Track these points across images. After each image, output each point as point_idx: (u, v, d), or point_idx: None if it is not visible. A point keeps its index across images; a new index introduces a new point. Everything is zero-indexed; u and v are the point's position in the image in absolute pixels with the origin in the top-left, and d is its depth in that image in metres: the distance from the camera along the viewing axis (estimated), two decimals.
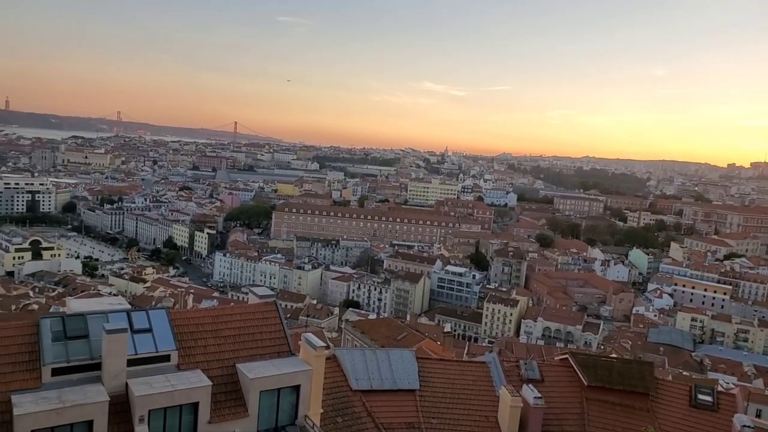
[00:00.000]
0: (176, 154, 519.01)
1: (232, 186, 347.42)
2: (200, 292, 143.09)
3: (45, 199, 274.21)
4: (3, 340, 17.98)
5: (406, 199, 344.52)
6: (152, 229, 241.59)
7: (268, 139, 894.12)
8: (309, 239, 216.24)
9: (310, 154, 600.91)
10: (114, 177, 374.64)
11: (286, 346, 22.22)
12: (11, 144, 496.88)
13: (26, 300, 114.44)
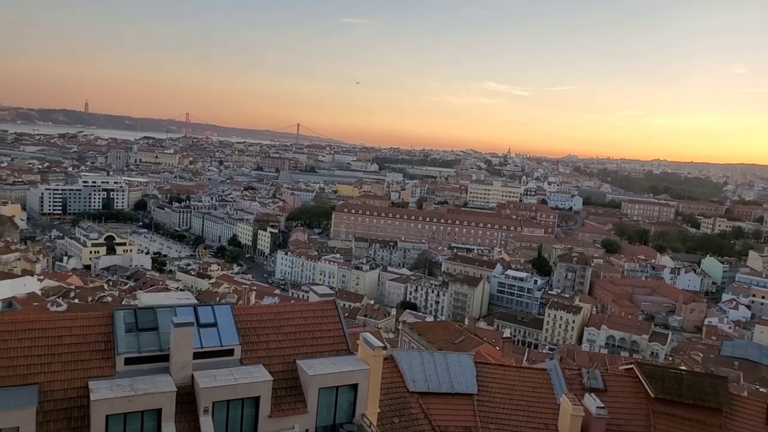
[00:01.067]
0: (241, 155, 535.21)
1: (294, 186, 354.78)
2: (262, 289, 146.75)
3: (119, 197, 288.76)
4: (82, 330, 19.06)
5: (466, 201, 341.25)
6: (218, 227, 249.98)
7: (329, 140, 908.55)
8: (367, 240, 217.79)
9: (370, 155, 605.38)
10: (182, 176, 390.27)
11: (345, 345, 22.44)
12: (90, 144, 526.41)
13: (101, 292, 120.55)
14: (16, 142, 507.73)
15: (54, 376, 17.59)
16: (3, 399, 16.07)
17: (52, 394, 17.18)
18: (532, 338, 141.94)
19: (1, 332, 18.03)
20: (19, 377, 17.18)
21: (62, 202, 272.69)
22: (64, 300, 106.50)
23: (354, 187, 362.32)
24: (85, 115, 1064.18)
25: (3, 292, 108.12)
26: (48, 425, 16.50)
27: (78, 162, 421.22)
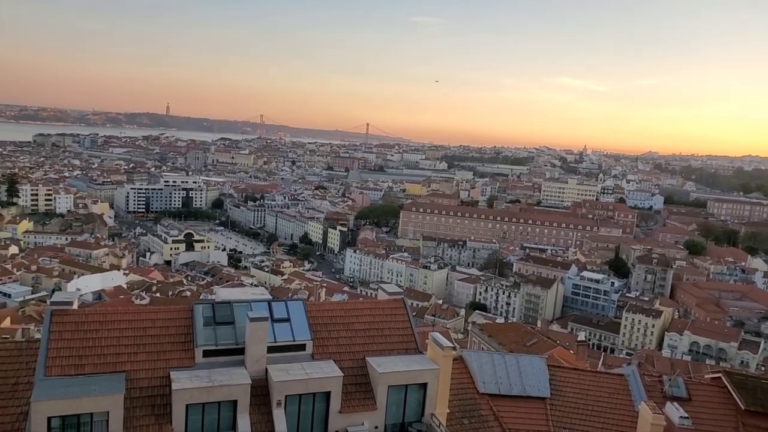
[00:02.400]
0: (312, 155, 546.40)
1: (362, 185, 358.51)
2: (332, 286, 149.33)
3: (197, 196, 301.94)
4: (164, 322, 20.03)
5: (539, 200, 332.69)
6: (290, 226, 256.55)
7: (398, 139, 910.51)
8: (435, 239, 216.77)
9: (439, 153, 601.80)
10: (257, 176, 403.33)
11: (414, 344, 22.39)
12: (170, 146, 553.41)
13: (180, 287, 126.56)
14: (106, 145, 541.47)
15: (139, 365, 18.58)
16: (95, 385, 17.13)
17: (138, 382, 18.14)
18: (608, 342, 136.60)
19: (93, 323, 19.25)
20: (108, 365, 18.26)
21: (145, 201, 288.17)
22: (147, 293, 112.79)
23: (422, 185, 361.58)
24: (167, 118, 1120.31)
25: (94, 285, 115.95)
26: (134, 411, 17.43)
27: (160, 163, 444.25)
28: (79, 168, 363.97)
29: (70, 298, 20.16)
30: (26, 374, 17.88)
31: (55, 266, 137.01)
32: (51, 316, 18.96)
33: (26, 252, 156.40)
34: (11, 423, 16.72)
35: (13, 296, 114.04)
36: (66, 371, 17.66)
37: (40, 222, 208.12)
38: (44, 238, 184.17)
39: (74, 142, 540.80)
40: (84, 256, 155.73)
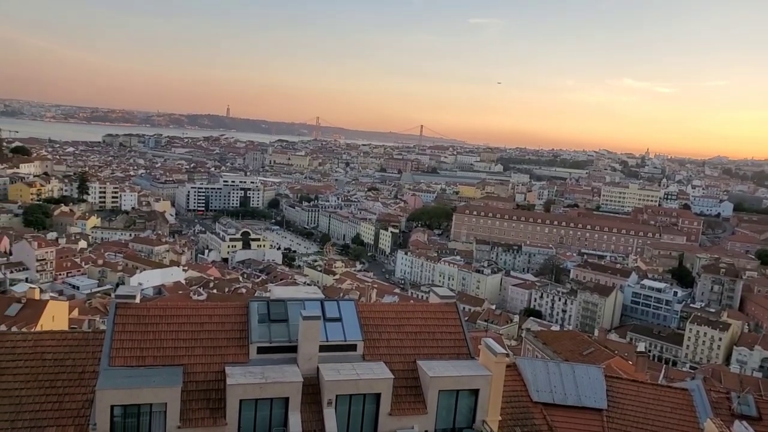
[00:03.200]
0: (366, 157, 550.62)
1: (415, 187, 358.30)
2: (383, 287, 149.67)
3: (254, 196, 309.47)
4: (221, 318, 20.51)
5: (599, 204, 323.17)
6: (342, 226, 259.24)
7: (453, 141, 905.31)
8: (489, 243, 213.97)
9: (494, 155, 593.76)
10: (311, 177, 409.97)
11: (466, 349, 22.07)
12: (230, 147, 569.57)
13: (237, 284, 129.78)
14: (169, 145, 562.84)
15: (196, 359, 19.08)
16: (155, 376, 17.70)
17: (195, 375, 18.62)
18: (670, 354, 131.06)
19: (154, 317, 19.93)
20: (167, 358, 18.84)
21: (205, 200, 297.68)
22: (204, 290, 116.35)
23: (476, 188, 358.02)
24: (227, 119, 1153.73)
25: (154, 280, 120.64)
26: (191, 404, 17.89)
27: (219, 163, 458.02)
28: (144, 167, 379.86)
29: (133, 292, 20.95)
30: (92, 363, 18.68)
31: (120, 261, 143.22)
32: (115, 308, 19.75)
33: (94, 247, 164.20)
34: (78, 409, 17.50)
35: (81, 288, 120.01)
36: (128, 362, 18.35)
37: (107, 218, 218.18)
38: (110, 234, 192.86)
39: (140, 142, 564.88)
40: (146, 251, 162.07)
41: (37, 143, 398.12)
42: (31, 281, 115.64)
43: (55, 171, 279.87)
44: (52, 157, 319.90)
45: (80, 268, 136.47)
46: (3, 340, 19.06)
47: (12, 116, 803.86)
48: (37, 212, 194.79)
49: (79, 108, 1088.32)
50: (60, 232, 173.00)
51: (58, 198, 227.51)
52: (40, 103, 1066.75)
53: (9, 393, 17.46)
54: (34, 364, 18.39)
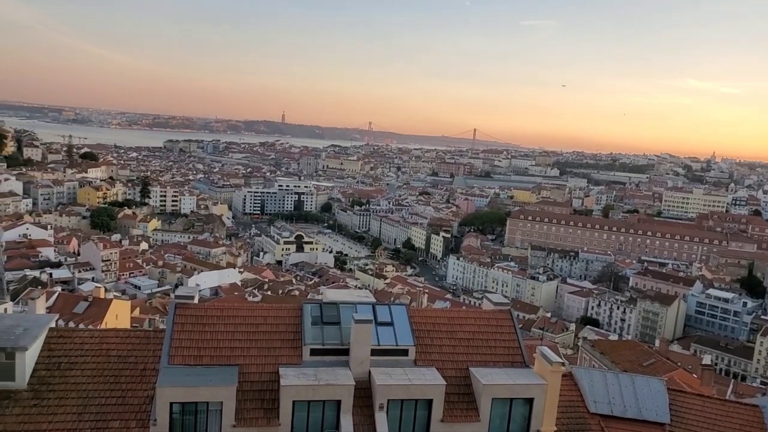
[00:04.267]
0: (418, 161, 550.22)
1: (468, 192, 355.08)
2: (434, 292, 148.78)
3: (308, 200, 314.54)
4: (275, 320, 20.84)
5: (660, 210, 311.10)
6: (393, 230, 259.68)
7: (507, 144, 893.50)
8: (545, 249, 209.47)
9: (550, 159, 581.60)
10: (363, 182, 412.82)
11: (520, 357, 21.64)
12: (285, 152, 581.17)
13: (290, 286, 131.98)
14: (226, 150, 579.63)
15: (251, 360, 19.44)
16: (211, 376, 18.15)
17: (250, 376, 18.97)
18: (739, 368, 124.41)
19: (211, 317, 20.45)
20: (223, 358, 19.29)
21: (261, 204, 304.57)
22: (259, 291, 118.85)
23: (531, 192, 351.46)
24: (282, 125, 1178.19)
25: (212, 281, 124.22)
26: (245, 403, 18.23)
27: (275, 168, 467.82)
28: (202, 172, 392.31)
29: (192, 293, 21.57)
30: (152, 361, 19.32)
31: (179, 262, 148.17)
32: (175, 308, 20.38)
33: (154, 248, 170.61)
34: (139, 405, 18.13)
35: (142, 288, 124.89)
36: (186, 361, 18.88)
37: (167, 221, 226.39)
38: (170, 236, 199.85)
39: (199, 147, 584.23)
40: (204, 253, 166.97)
41: (104, 149, 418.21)
42: (97, 281, 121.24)
43: (119, 175, 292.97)
44: (117, 162, 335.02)
45: (142, 269, 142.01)
46: (72, 336, 19.98)
47: (82, 123, 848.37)
48: (103, 215, 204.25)
49: (142, 115, 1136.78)
50: (123, 234, 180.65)
51: (122, 201, 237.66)
52: (106, 111, 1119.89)
53: (77, 387, 18.27)
54: (100, 360, 19.20)
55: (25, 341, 18.24)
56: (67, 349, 19.28)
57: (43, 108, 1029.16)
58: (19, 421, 17.13)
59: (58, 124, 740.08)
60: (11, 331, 18.77)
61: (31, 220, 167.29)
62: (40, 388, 18.01)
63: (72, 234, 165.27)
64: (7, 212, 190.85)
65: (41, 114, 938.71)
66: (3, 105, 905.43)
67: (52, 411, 17.55)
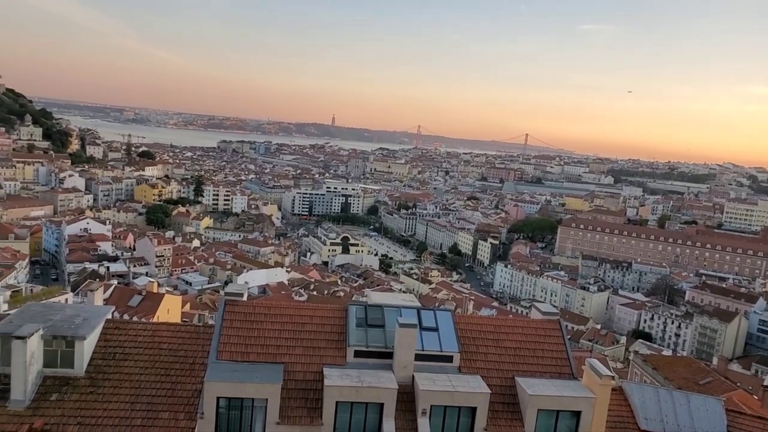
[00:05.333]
0: (467, 166, 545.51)
1: (518, 198, 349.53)
2: (480, 299, 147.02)
3: (355, 202, 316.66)
4: (321, 320, 21.05)
5: (721, 222, 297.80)
6: (440, 235, 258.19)
7: (559, 151, 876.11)
8: (596, 258, 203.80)
9: (604, 167, 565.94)
10: (410, 185, 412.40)
11: (568, 369, 21.13)
12: (334, 154, 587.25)
13: (335, 287, 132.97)
14: (277, 152, 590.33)
15: (296, 358, 19.68)
16: (257, 372, 18.47)
17: (294, 374, 19.21)
18: None
19: (259, 314, 20.83)
20: (269, 355, 19.59)
21: (309, 205, 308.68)
22: (305, 291, 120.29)
23: (584, 200, 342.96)
24: (332, 128, 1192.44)
25: (260, 280, 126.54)
26: (290, 401, 18.46)
27: (323, 170, 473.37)
28: (254, 172, 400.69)
29: (241, 290, 22.03)
30: (201, 356, 19.81)
31: (229, 260, 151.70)
32: (224, 305, 20.86)
33: (206, 246, 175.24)
34: (188, 398, 18.60)
35: (194, 285, 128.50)
36: (234, 357, 19.28)
37: (219, 219, 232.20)
38: (221, 234, 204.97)
39: (251, 148, 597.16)
40: (253, 252, 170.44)
41: (161, 148, 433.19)
42: (151, 275, 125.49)
43: (174, 174, 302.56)
44: (172, 161, 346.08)
45: (193, 266, 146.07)
46: (127, 328, 20.73)
47: (140, 123, 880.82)
48: (158, 212, 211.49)
49: (197, 116, 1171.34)
50: (177, 231, 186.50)
51: (177, 199, 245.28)
52: (164, 111, 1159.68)
53: (130, 377, 18.93)
54: (151, 353, 19.82)
55: (84, 331, 19.02)
56: (121, 340, 20.00)
57: (106, 108, 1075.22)
58: (76, 407, 17.86)
59: (118, 124, 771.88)
60: (71, 320, 19.62)
61: (92, 215, 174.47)
62: (96, 377, 18.74)
63: (128, 229, 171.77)
64: (70, 207, 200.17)
65: (104, 113, 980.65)
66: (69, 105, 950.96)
67: (107, 399, 18.23)
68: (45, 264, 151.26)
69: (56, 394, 18.07)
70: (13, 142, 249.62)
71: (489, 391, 19.02)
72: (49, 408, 17.68)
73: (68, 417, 17.56)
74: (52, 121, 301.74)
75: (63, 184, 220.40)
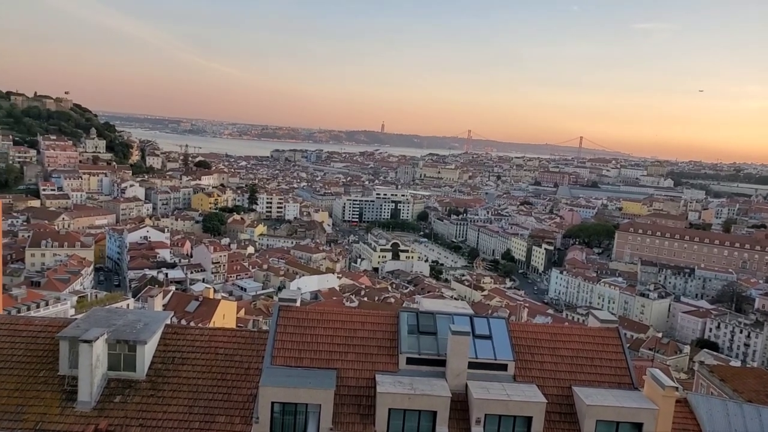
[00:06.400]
0: (519, 170, 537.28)
1: (573, 202, 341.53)
2: (534, 306, 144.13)
3: (404, 208, 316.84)
4: (372, 326, 21.05)
5: None
6: (492, 241, 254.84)
7: (616, 153, 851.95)
8: (656, 264, 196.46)
9: (664, 169, 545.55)
10: (461, 190, 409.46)
11: (629, 378, 20.37)
12: (383, 161, 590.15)
13: (386, 293, 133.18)
14: (328, 160, 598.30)
15: (349, 364, 19.73)
16: (311, 378, 18.61)
17: (347, 380, 19.26)
18: None
19: (312, 320, 21.03)
20: (322, 361, 19.72)
21: (359, 211, 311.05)
22: (356, 297, 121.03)
23: (642, 204, 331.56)
24: (381, 135, 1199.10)
25: (311, 286, 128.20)
26: (342, 407, 18.50)
27: (373, 176, 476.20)
28: (305, 180, 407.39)
29: (294, 296, 22.30)
30: (256, 361, 20.13)
31: (282, 266, 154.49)
32: (278, 311, 21.16)
33: (260, 252, 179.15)
34: (243, 402, 18.93)
35: (248, 290, 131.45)
36: (288, 362, 19.51)
37: (272, 227, 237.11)
38: (274, 241, 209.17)
39: (303, 157, 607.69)
40: (305, 258, 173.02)
41: (216, 158, 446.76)
42: (207, 282, 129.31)
43: (229, 183, 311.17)
44: (227, 171, 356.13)
45: (248, 272, 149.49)
46: (185, 333, 21.31)
47: (197, 134, 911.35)
48: (214, 220, 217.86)
49: (251, 126, 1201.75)
50: (232, 238, 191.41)
51: (232, 207, 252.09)
52: (219, 122, 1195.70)
53: (188, 381, 19.42)
54: (208, 357, 20.30)
55: (145, 335, 19.69)
56: (180, 345, 20.58)
57: (164, 120, 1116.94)
58: (138, 409, 18.47)
59: (176, 135, 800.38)
60: (133, 325, 20.35)
61: (151, 223, 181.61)
62: (157, 380, 19.33)
63: (186, 237, 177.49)
64: (131, 216, 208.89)
65: (162, 125, 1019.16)
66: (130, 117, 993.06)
67: (166, 402, 18.76)
68: (108, 270, 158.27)
69: (119, 396, 18.74)
70: (80, 155, 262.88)
71: (545, 400, 18.55)
72: (113, 410, 18.35)
73: (131, 419, 18.17)
74: (114, 133, 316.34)
75: (124, 193, 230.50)
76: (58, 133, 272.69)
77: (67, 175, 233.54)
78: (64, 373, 18.91)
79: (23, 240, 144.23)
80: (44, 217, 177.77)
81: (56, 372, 19.02)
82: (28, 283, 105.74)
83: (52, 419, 17.85)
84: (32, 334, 20.32)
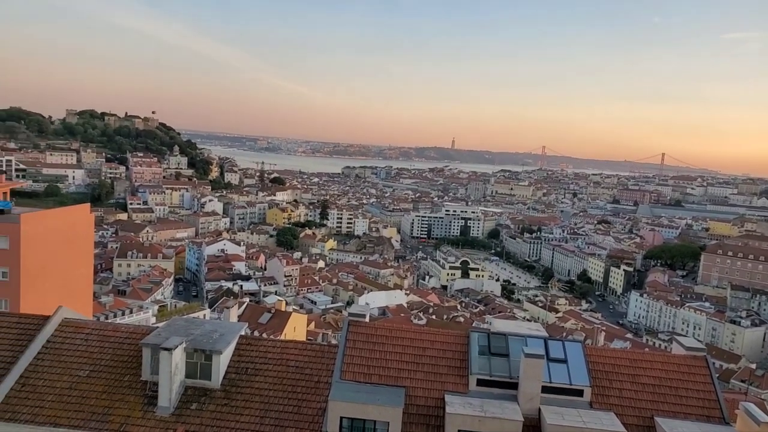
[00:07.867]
0: (596, 187, 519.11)
1: (654, 221, 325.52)
2: (612, 330, 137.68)
3: (474, 225, 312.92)
4: (442, 345, 20.77)
5: None
6: (567, 261, 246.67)
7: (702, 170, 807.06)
8: (749, 289, 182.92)
9: (757, 188, 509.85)
10: (535, 208, 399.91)
11: (718, 411, 18.98)
12: (453, 177, 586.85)
13: (455, 312, 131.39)
14: (397, 176, 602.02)
15: (417, 383, 19.51)
16: (379, 395, 18.53)
17: (416, 399, 19.04)
18: None
19: (381, 336, 21.00)
20: (390, 378, 19.61)
21: (428, 228, 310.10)
22: (423, 314, 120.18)
23: (732, 224, 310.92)
24: (452, 151, 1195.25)
25: (379, 301, 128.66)
26: (410, 426, 18.28)
27: (442, 193, 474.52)
28: (375, 196, 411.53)
29: (364, 311, 22.38)
30: (325, 375, 20.30)
31: (351, 281, 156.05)
32: (348, 326, 21.28)
33: (330, 267, 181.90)
34: (312, 416, 19.10)
35: (318, 304, 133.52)
36: (356, 377, 19.54)
37: (342, 242, 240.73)
38: (344, 256, 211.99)
39: (372, 173, 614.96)
40: (373, 274, 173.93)
41: (290, 174, 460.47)
42: (279, 294, 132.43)
43: (302, 198, 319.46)
44: (300, 187, 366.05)
45: (318, 286, 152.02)
46: (258, 344, 21.84)
47: (273, 152, 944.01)
48: (287, 234, 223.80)
49: (324, 143, 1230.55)
50: (304, 252, 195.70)
51: (304, 222, 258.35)
52: (294, 140, 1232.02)
53: (260, 392, 19.84)
54: (280, 369, 20.67)
55: (220, 345, 20.33)
56: (253, 356, 21.09)
57: (242, 137, 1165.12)
58: (213, 417, 19.04)
59: (253, 152, 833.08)
60: (210, 335, 21.07)
61: (228, 237, 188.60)
62: (230, 390, 19.88)
63: (260, 250, 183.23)
64: (209, 229, 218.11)
65: (240, 143, 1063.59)
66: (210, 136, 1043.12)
67: (239, 412, 19.23)
68: (187, 281, 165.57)
69: (196, 403, 19.40)
70: (164, 171, 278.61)
71: (624, 429, 17.60)
72: (189, 416, 19.01)
73: (206, 426, 18.75)
74: (195, 151, 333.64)
75: (204, 208, 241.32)
76: (145, 151, 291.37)
77: (152, 189, 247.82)
78: (146, 379, 19.82)
79: (111, 251, 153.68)
80: (131, 230, 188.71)
81: (139, 377, 19.96)
82: (115, 292, 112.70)
83: (134, 422, 18.71)
84: (119, 340, 21.47)
